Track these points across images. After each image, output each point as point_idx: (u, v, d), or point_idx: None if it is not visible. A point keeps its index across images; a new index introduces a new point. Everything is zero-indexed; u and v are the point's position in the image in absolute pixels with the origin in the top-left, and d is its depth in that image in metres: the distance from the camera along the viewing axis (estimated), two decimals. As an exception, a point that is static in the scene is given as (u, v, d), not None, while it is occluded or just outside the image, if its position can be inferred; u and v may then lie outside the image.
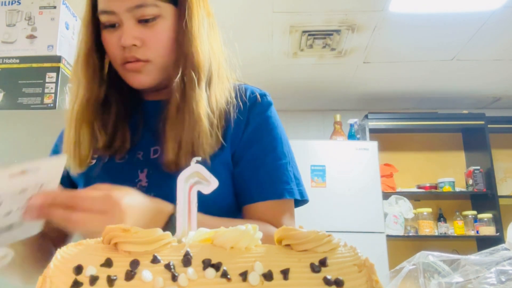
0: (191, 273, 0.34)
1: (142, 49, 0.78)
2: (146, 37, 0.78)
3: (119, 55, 0.79)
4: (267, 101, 0.87)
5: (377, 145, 3.30)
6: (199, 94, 0.78)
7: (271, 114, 0.87)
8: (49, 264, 0.36)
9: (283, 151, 0.85)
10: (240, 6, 2.74)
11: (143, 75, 0.80)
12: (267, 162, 0.82)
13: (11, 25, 1.76)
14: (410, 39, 3.15)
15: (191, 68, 0.79)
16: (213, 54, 0.84)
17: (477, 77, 3.73)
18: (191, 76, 0.78)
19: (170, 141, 0.76)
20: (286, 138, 0.88)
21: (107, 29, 0.80)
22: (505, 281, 0.71)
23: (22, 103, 1.65)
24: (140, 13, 0.77)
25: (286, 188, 0.81)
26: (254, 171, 0.81)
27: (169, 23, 0.79)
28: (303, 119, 4.27)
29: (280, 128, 0.87)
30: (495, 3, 2.70)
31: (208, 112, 0.78)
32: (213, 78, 0.83)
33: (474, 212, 3.71)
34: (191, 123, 0.76)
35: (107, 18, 0.78)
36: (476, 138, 3.90)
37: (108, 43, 0.80)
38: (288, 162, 0.84)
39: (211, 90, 0.81)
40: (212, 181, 0.43)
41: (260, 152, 0.82)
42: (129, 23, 0.77)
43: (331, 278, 0.34)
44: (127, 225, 0.37)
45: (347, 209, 3.08)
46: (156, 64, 0.80)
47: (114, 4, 0.76)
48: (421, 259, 0.82)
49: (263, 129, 0.84)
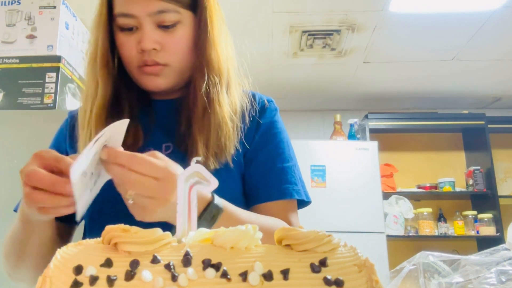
0: (191, 273, 0.34)
1: (162, 53, 0.80)
2: (165, 42, 0.80)
3: (136, 58, 0.81)
4: (274, 106, 0.93)
5: (377, 145, 3.30)
6: (222, 98, 0.82)
7: (278, 119, 0.92)
8: (49, 264, 0.36)
9: (289, 155, 0.89)
10: (240, 6, 2.73)
11: (160, 78, 0.82)
12: (276, 164, 0.86)
13: (11, 25, 1.76)
14: (410, 39, 3.15)
15: (213, 72, 0.82)
16: (230, 59, 0.87)
17: (477, 77, 3.74)
18: (214, 80, 0.82)
19: (200, 144, 0.79)
20: (290, 142, 0.93)
21: (124, 32, 0.81)
22: (505, 281, 0.71)
23: (22, 103, 1.65)
24: (161, 19, 0.79)
25: (294, 189, 0.85)
26: (263, 173, 0.85)
27: (188, 29, 0.82)
28: (303, 119, 4.27)
29: (285, 132, 0.92)
30: (495, 3, 2.71)
31: (231, 115, 0.82)
32: (231, 82, 0.87)
33: (474, 212, 3.71)
34: (216, 126, 0.80)
35: (126, 21, 0.79)
36: (476, 138, 3.90)
37: (124, 46, 0.81)
38: (294, 165, 0.89)
39: (229, 93, 0.85)
40: (212, 181, 0.43)
41: (268, 155, 0.87)
42: (149, 27, 0.79)
43: (331, 278, 0.34)
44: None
45: (347, 209, 3.08)
46: (173, 68, 0.82)
47: (136, 8, 0.78)
48: (421, 259, 0.82)
49: (271, 133, 0.89)
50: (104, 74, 0.83)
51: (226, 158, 0.80)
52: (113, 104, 0.84)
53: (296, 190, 0.85)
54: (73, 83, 1.80)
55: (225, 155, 0.80)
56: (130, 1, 0.78)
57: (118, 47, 0.83)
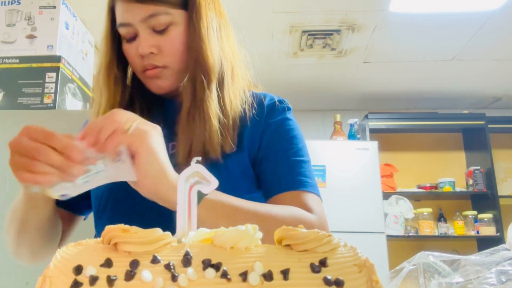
0: (191, 273, 0.34)
1: (159, 56, 0.82)
2: (161, 44, 0.82)
3: (138, 64, 0.84)
4: (285, 105, 0.92)
5: (377, 145, 3.30)
6: (209, 96, 0.81)
7: (290, 117, 0.91)
8: (49, 264, 0.36)
9: (303, 151, 0.88)
10: (240, 6, 2.74)
11: (161, 80, 0.85)
12: (289, 158, 0.85)
13: (11, 25, 1.76)
14: (410, 39, 3.15)
15: (200, 70, 0.82)
16: (224, 54, 0.87)
17: (477, 77, 3.74)
18: (201, 78, 0.81)
19: (182, 143, 0.79)
20: (305, 142, 0.91)
21: (128, 41, 0.84)
22: (505, 282, 0.71)
23: (22, 103, 1.65)
24: (154, 22, 0.81)
25: (308, 182, 0.83)
26: (276, 167, 0.84)
27: (181, 28, 0.83)
28: (303, 119, 4.26)
29: (299, 130, 0.91)
30: (495, 3, 2.71)
31: (218, 113, 0.81)
32: (226, 78, 0.86)
33: (474, 212, 3.71)
34: (202, 125, 0.79)
35: (126, 31, 0.83)
36: (476, 138, 3.90)
37: (128, 54, 0.85)
38: (308, 162, 0.87)
39: (223, 91, 0.85)
40: (212, 181, 0.43)
41: (281, 150, 0.85)
42: (144, 33, 0.81)
43: (331, 278, 0.34)
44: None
45: (347, 209, 3.08)
46: (173, 69, 0.84)
47: (129, 16, 0.81)
48: (421, 259, 0.82)
49: (283, 130, 0.88)
50: (107, 84, 0.86)
51: (217, 157, 0.79)
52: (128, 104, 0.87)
53: (311, 184, 0.83)
54: (73, 83, 1.80)
55: (215, 154, 0.79)
56: (124, 10, 0.81)
57: (126, 57, 0.87)
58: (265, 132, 0.86)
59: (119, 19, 0.82)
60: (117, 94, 0.86)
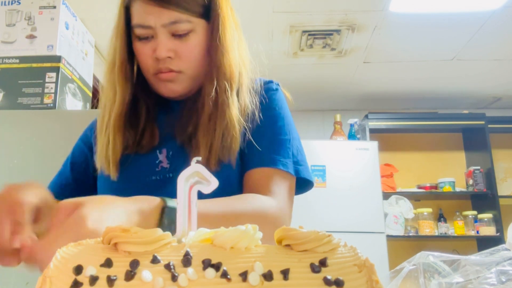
0: (191, 273, 0.34)
1: (176, 61, 0.84)
2: (179, 50, 0.83)
3: (152, 66, 0.84)
4: (273, 86, 0.94)
5: (377, 145, 3.30)
6: (232, 103, 0.84)
7: (275, 97, 0.92)
8: (49, 264, 0.36)
9: (284, 128, 0.88)
10: (240, 6, 2.73)
11: (174, 84, 0.86)
12: (267, 134, 0.86)
13: (11, 25, 1.76)
14: (410, 39, 3.15)
15: (223, 78, 0.84)
16: (242, 63, 0.89)
17: (477, 77, 3.74)
18: (225, 86, 0.84)
19: (202, 148, 0.81)
20: (291, 120, 0.92)
21: (141, 41, 0.84)
22: (505, 282, 0.71)
23: (22, 103, 1.65)
24: (175, 29, 0.82)
25: (280, 160, 0.84)
26: (255, 143, 0.85)
27: (201, 37, 0.85)
28: (303, 119, 4.27)
29: (284, 109, 0.92)
30: (495, 3, 2.71)
31: (239, 118, 0.84)
32: (243, 85, 0.88)
33: (474, 212, 3.71)
34: (223, 130, 0.81)
35: (143, 32, 0.83)
36: (476, 138, 3.90)
37: (141, 54, 0.85)
38: (288, 140, 0.87)
39: (240, 97, 0.87)
40: (212, 181, 0.43)
41: (263, 126, 0.87)
42: (163, 37, 0.82)
43: (331, 278, 0.34)
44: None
45: (347, 209, 3.08)
46: (187, 74, 0.85)
47: (151, 19, 0.81)
48: (421, 259, 0.82)
49: (267, 107, 0.89)
50: (122, 82, 0.86)
51: (230, 160, 0.82)
52: (131, 108, 0.87)
53: (283, 162, 0.83)
54: (73, 83, 1.80)
55: (229, 157, 0.82)
56: (146, 13, 0.81)
57: (136, 55, 0.87)
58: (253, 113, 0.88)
59: (139, 19, 0.82)
60: (127, 94, 0.87)
